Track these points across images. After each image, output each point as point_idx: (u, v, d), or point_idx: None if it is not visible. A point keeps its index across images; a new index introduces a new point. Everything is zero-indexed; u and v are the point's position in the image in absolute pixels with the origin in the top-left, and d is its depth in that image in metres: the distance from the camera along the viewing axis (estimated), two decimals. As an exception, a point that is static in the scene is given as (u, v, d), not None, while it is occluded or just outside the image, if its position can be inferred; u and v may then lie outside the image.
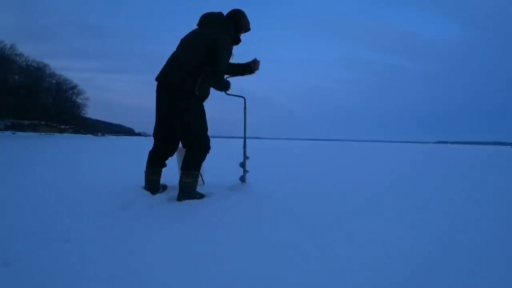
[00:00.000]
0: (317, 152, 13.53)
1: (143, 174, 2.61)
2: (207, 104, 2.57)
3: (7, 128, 36.61)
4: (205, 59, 2.37)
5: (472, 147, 51.24)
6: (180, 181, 2.41)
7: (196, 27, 2.58)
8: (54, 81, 49.54)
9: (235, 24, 2.57)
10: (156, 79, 2.48)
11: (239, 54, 2.74)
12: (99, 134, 52.49)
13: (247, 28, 2.67)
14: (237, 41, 2.65)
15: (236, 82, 2.75)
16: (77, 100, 54.49)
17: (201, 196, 2.47)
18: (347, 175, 4.77)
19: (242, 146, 2.91)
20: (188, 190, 2.41)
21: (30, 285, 1.11)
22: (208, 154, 2.55)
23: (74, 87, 52.93)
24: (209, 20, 2.54)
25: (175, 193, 2.45)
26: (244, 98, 2.89)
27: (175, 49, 2.54)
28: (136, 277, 1.18)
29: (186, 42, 2.50)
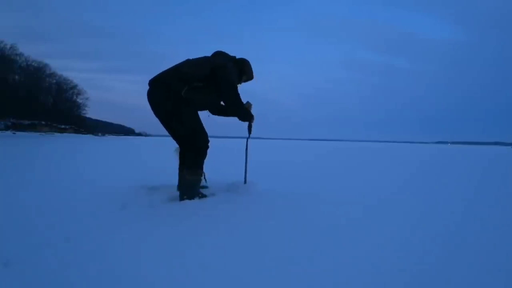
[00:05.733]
0: (317, 152, 13.53)
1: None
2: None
3: (7, 128, 36.66)
4: (207, 73, 2.41)
5: (472, 147, 51.13)
6: (182, 179, 2.41)
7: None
8: (54, 81, 49.74)
9: (239, 69, 2.66)
10: (148, 83, 2.49)
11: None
12: (99, 134, 52.55)
13: (249, 76, 2.76)
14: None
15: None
16: (77, 100, 54.68)
17: (202, 196, 2.47)
18: (348, 176, 4.76)
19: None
20: (190, 187, 2.40)
21: (30, 285, 1.11)
22: (208, 150, 2.53)
23: (74, 87, 53.10)
24: (219, 53, 2.64)
25: (176, 192, 2.45)
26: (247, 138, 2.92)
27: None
28: (136, 277, 1.17)
29: (192, 60, 2.54)
